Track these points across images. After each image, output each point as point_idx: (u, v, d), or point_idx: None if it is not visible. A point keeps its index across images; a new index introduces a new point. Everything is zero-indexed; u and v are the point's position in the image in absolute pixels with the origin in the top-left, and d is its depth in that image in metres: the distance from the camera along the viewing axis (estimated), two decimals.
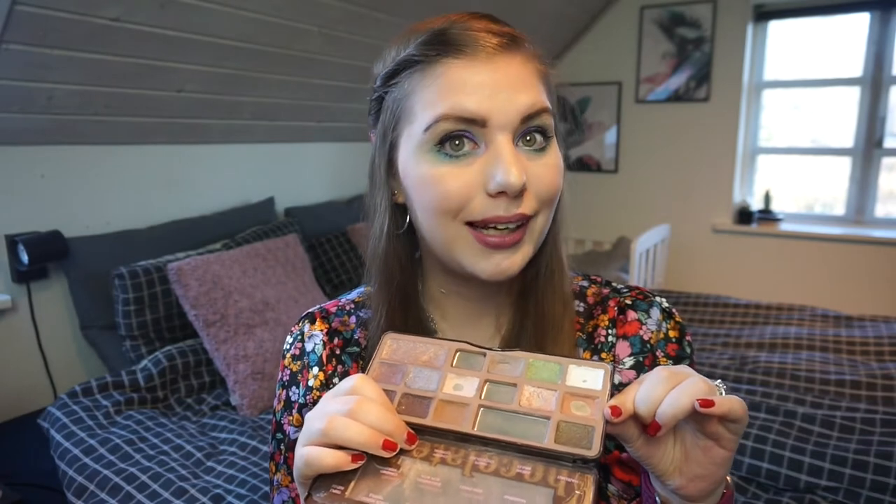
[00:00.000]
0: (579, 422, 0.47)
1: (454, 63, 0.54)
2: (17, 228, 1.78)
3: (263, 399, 1.75)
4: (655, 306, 0.66)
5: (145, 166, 2.09)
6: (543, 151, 0.57)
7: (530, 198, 0.55)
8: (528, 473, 0.44)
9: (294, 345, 0.68)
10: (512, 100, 0.54)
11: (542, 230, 0.59)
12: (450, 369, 0.52)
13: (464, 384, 0.50)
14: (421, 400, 0.49)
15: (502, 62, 0.55)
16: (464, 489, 0.44)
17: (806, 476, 1.43)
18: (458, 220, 0.56)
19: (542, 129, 0.56)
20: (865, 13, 3.00)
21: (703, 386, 0.45)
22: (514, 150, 0.54)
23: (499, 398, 0.49)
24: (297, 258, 2.14)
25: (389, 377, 0.51)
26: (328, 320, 0.69)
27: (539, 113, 0.55)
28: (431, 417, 0.48)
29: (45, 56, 1.54)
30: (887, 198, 3.12)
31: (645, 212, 3.52)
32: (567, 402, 0.48)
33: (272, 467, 0.68)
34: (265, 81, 2.17)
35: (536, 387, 0.50)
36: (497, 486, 0.44)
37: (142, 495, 1.32)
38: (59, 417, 1.56)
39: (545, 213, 0.58)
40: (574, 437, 0.46)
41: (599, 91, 3.57)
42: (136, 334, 1.82)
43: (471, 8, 0.63)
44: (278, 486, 0.67)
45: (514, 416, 0.48)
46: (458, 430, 0.47)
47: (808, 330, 2.30)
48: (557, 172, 0.57)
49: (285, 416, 0.66)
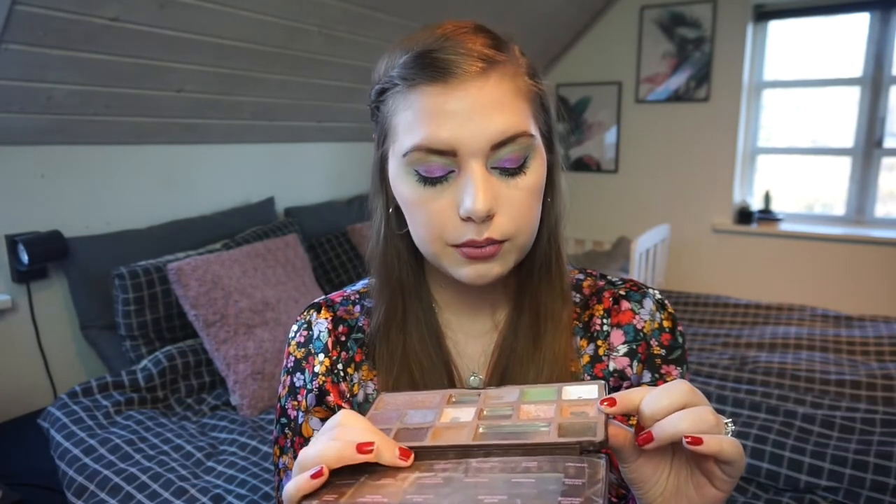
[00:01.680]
0: (580, 420, 0.46)
1: (429, 90, 0.56)
2: (17, 228, 1.78)
3: (263, 399, 1.75)
4: (648, 297, 0.68)
5: (145, 166, 2.09)
6: (519, 173, 0.58)
7: (502, 221, 0.57)
8: (535, 466, 0.42)
9: (299, 332, 0.70)
10: (483, 127, 0.55)
11: (525, 246, 0.61)
12: (445, 406, 0.52)
13: (460, 415, 0.50)
14: (417, 430, 0.48)
15: (475, 87, 0.55)
16: (467, 480, 0.42)
17: (806, 476, 1.44)
18: (442, 242, 0.59)
19: (518, 155, 0.57)
20: (865, 13, 3.00)
21: (710, 418, 0.44)
22: (484, 175, 0.56)
23: (496, 416, 0.49)
24: (297, 258, 2.14)
25: (384, 421, 0.50)
26: (333, 309, 0.70)
27: (513, 138, 0.56)
28: (429, 439, 0.46)
29: (45, 56, 1.54)
30: (887, 198, 3.12)
31: (645, 212, 3.52)
32: (566, 411, 0.48)
33: (276, 451, 0.69)
34: (265, 81, 2.17)
35: (534, 405, 0.49)
36: (503, 475, 0.42)
37: (142, 495, 1.32)
38: (59, 417, 1.56)
39: (524, 233, 0.59)
40: (577, 430, 0.45)
41: (599, 91, 3.57)
42: (136, 334, 1.82)
43: (471, 9, 0.63)
44: (285, 468, 0.68)
45: (514, 427, 0.47)
46: (456, 444, 0.45)
47: (808, 330, 2.30)
48: (530, 194, 0.58)
49: (290, 401, 0.68)
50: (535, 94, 0.60)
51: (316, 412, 0.67)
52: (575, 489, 0.39)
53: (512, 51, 0.60)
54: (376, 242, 0.66)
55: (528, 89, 0.59)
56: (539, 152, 0.59)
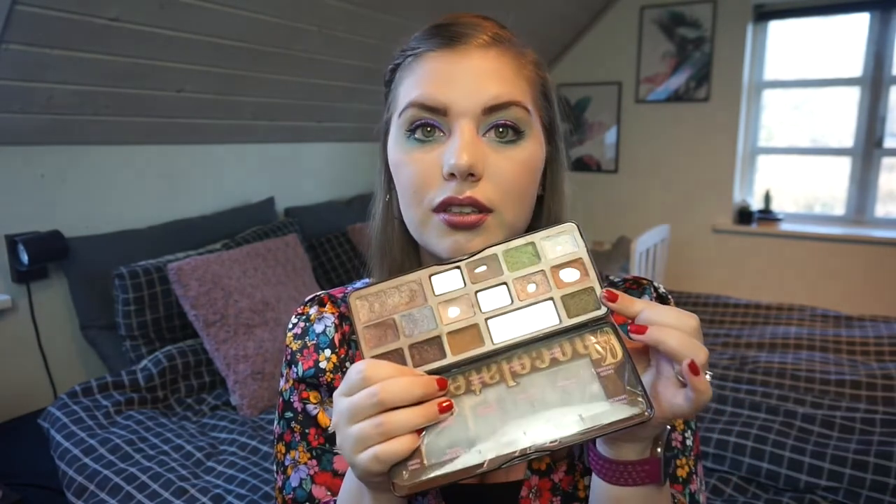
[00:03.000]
0: (578, 288, 0.50)
1: (434, 55, 0.58)
2: (17, 228, 1.78)
3: (263, 399, 1.75)
4: (647, 293, 0.68)
5: (145, 166, 2.09)
6: (513, 145, 0.57)
7: (488, 186, 0.56)
8: (559, 354, 0.48)
9: (297, 325, 0.68)
10: (476, 89, 0.56)
11: (512, 225, 0.58)
12: (435, 299, 0.51)
13: (458, 308, 0.51)
14: (430, 343, 0.50)
15: (478, 55, 0.57)
16: (519, 398, 0.46)
17: (806, 476, 1.43)
18: (425, 206, 0.57)
19: (512, 123, 0.57)
20: (865, 13, 3.00)
21: (697, 351, 0.46)
22: (473, 137, 0.56)
23: (497, 303, 0.50)
24: (297, 258, 2.14)
25: (384, 337, 0.50)
26: (337, 304, 0.68)
27: (506, 105, 0.56)
28: (450, 354, 0.49)
29: (45, 56, 1.54)
30: (887, 198, 3.12)
31: (645, 212, 3.52)
32: (557, 276, 0.51)
33: (281, 448, 0.65)
34: (265, 81, 2.17)
35: (523, 276, 0.51)
36: (543, 379, 0.47)
37: (142, 495, 1.32)
38: (59, 417, 1.56)
39: (511, 209, 0.57)
40: (581, 304, 0.49)
41: (599, 91, 3.57)
42: (136, 334, 1.82)
43: (472, 7, 0.64)
44: (293, 464, 0.64)
45: (519, 312, 0.50)
46: (481, 352, 0.49)
47: (808, 330, 2.30)
48: (522, 167, 0.57)
49: (295, 395, 0.65)
50: (539, 82, 0.61)
51: (330, 403, 0.64)
52: (612, 383, 0.46)
53: (519, 41, 0.61)
54: (375, 228, 0.66)
55: (532, 75, 0.60)
56: (535, 133, 0.59)
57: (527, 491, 0.62)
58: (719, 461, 1.52)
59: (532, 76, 0.60)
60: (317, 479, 0.63)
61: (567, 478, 0.63)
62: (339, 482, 0.62)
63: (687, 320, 0.48)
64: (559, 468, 0.63)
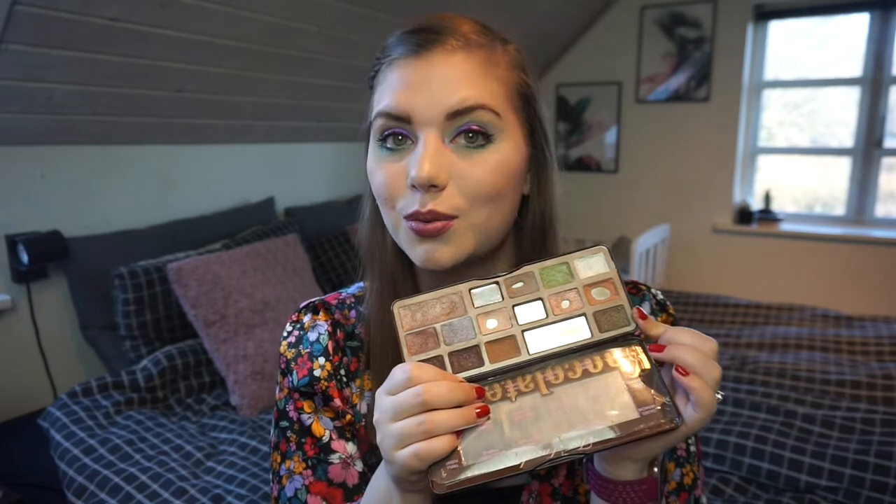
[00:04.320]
0: (608, 305, 0.53)
1: (402, 63, 0.58)
2: (17, 228, 1.78)
3: (263, 399, 1.75)
4: (647, 300, 0.68)
5: (145, 166, 2.09)
6: (482, 149, 0.56)
7: (453, 194, 0.56)
8: (591, 366, 0.51)
9: (292, 333, 0.68)
10: (438, 96, 0.55)
11: (482, 228, 0.58)
12: (474, 311, 0.54)
13: (496, 320, 0.53)
14: (469, 351, 0.52)
15: (441, 61, 0.56)
16: (553, 406, 0.49)
17: (806, 476, 1.43)
18: (397, 212, 0.58)
19: (478, 127, 0.56)
20: (865, 13, 3.00)
21: (712, 369, 0.48)
22: (436, 145, 0.55)
23: (533, 316, 0.53)
24: (297, 258, 2.14)
25: (425, 344, 0.52)
26: (330, 311, 0.68)
27: (471, 109, 0.55)
28: (488, 363, 0.51)
29: (45, 56, 1.54)
30: (887, 198, 3.12)
31: (645, 212, 3.51)
32: (589, 293, 0.54)
33: (277, 457, 0.65)
34: (265, 81, 2.17)
35: (557, 293, 0.54)
36: (575, 389, 0.50)
37: (142, 495, 1.32)
38: (59, 417, 1.56)
39: (481, 211, 0.57)
40: (611, 320, 0.52)
41: (599, 91, 3.57)
42: (136, 334, 1.82)
43: (471, 9, 0.64)
44: (289, 474, 0.64)
45: (554, 326, 0.53)
46: (517, 361, 0.51)
47: (808, 330, 2.30)
48: (491, 170, 0.56)
49: (290, 404, 0.65)
50: (516, 82, 0.60)
51: (325, 412, 0.65)
52: (641, 394, 0.48)
53: (497, 40, 0.60)
54: (364, 231, 0.68)
55: (506, 75, 0.59)
56: (510, 135, 0.58)
57: (527, 495, 0.62)
58: (719, 461, 1.52)
59: (506, 77, 0.59)
60: (312, 488, 0.63)
61: (567, 482, 0.63)
62: (334, 492, 0.63)
63: (705, 342, 0.50)
64: (560, 473, 0.63)
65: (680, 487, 0.66)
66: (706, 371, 0.48)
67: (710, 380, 0.48)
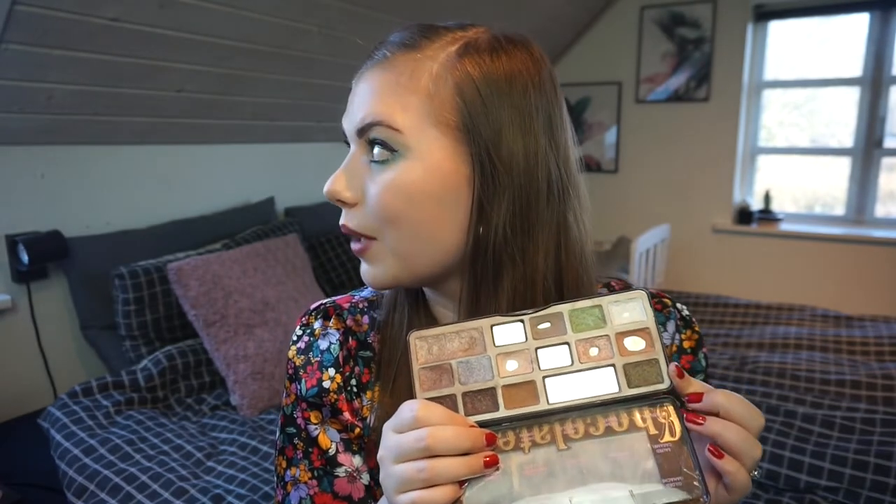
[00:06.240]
0: (641, 358, 0.48)
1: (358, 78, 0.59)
2: (17, 228, 1.78)
3: (263, 399, 1.75)
4: (672, 318, 0.65)
5: (145, 166, 2.09)
6: (382, 166, 0.54)
7: (363, 213, 0.56)
8: (615, 424, 0.46)
9: (302, 338, 0.65)
10: (353, 114, 0.57)
11: (400, 252, 0.55)
12: (494, 350, 0.50)
13: (517, 362, 0.49)
14: (484, 393, 0.48)
15: (366, 77, 0.57)
16: (569, 463, 0.45)
17: (806, 476, 1.43)
18: None
19: (381, 142, 0.54)
20: (865, 13, 3.00)
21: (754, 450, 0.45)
22: (355, 163, 0.57)
23: (557, 362, 0.49)
24: (297, 258, 2.14)
25: (439, 381, 0.49)
26: (342, 318, 0.65)
27: (369, 127, 0.54)
28: (503, 408, 0.48)
29: (45, 56, 1.54)
30: (887, 198, 3.12)
31: (645, 212, 3.51)
32: (621, 343, 0.49)
33: (282, 462, 0.64)
34: (265, 81, 2.17)
35: (586, 339, 0.50)
36: (595, 447, 0.45)
37: (142, 495, 1.32)
38: (59, 417, 1.56)
39: (391, 234, 0.55)
40: (642, 375, 0.48)
41: (599, 91, 3.57)
42: (136, 334, 1.82)
43: (471, 9, 0.64)
44: (293, 481, 0.63)
45: (579, 375, 0.48)
46: (535, 410, 0.47)
47: (808, 330, 2.30)
48: (386, 190, 0.53)
49: (297, 412, 0.64)
50: (454, 97, 0.53)
51: (332, 423, 0.63)
52: (668, 462, 0.44)
53: (442, 47, 0.54)
54: None
55: (429, 84, 0.53)
56: (419, 155, 0.53)
57: None
58: None
59: (428, 86, 0.53)
60: (317, 499, 0.62)
61: None
62: None
63: (753, 417, 0.46)
64: None
65: None
66: (747, 452, 0.44)
67: (749, 461, 0.44)
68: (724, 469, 0.44)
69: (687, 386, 0.47)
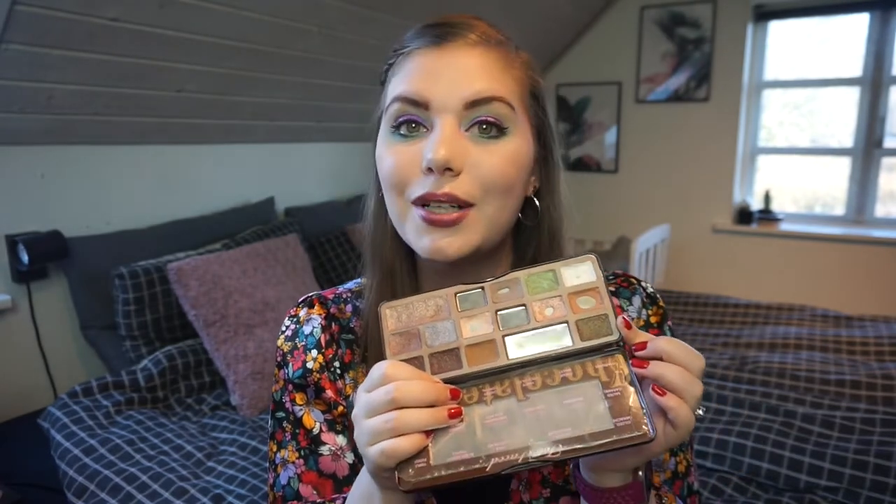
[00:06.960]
0: (592, 314, 0.52)
1: (421, 52, 0.59)
2: (17, 228, 1.78)
3: (263, 399, 1.75)
4: (638, 294, 0.69)
5: (145, 166, 2.09)
6: (496, 140, 0.58)
7: (468, 181, 0.56)
8: (570, 375, 0.50)
9: (289, 327, 0.69)
10: (458, 85, 0.57)
11: (493, 220, 0.59)
12: (458, 314, 0.54)
13: (478, 324, 0.53)
14: (449, 353, 0.52)
15: (463, 52, 0.58)
16: (527, 411, 0.48)
17: (806, 476, 1.44)
18: (405, 198, 0.59)
19: (494, 119, 0.57)
20: (865, 13, 3.00)
21: (695, 388, 0.48)
22: (454, 132, 0.56)
23: (515, 323, 0.53)
24: (297, 258, 2.14)
25: (407, 345, 0.53)
26: (326, 305, 0.70)
27: (488, 101, 0.57)
28: (467, 365, 0.51)
29: (45, 56, 1.54)
30: (887, 198, 3.12)
31: (645, 212, 3.52)
32: (573, 301, 0.53)
33: (273, 446, 0.67)
34: (265, 81, 2.17)
35: (542, 299, 0.54)
36: (552, 396, 0.49)
37: (142, 495, 1.32)
38: (59, 417, 1.56)
39: (493, 203, 0.58)
40: (594, 329, 0.52)
41: (599, 91, 3.57)
42: (136, 334, 1.82)
43: (472, 8, 0.64)
44: (283, 462, 0.66)
45: (536, 333, 0.52)
46: (495, 366, 0.51)
47: (808, 330, 2.30)
48: (505, 160, 0.57)
49: (285, 395, 0.67)
50: (528, 83, 0.62)
51: (316, 404, 0.66)
52: (618, 405, 0.47)
53: (512, 43, 0.62)
54: (368, 226, 0.69)
55: (521, 75, 0.61)
56: (521, 131, 0.60)
57: (517, 483, 0.63)
58: (719, 461, 1.52)
59: (521, 76, 0.61)
60: (304, 478, 0.65)
61: (557, 470, 0.64)
62: (324, 482, 0.64)
63: (692, 359, 0.49)
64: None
65: (675, 476, 0.66)
66: (687, 390, 0.47)
67: (691, 399, 0.48)
68: (666, 405, 0.47)
69: (634, 336, 0.51)
